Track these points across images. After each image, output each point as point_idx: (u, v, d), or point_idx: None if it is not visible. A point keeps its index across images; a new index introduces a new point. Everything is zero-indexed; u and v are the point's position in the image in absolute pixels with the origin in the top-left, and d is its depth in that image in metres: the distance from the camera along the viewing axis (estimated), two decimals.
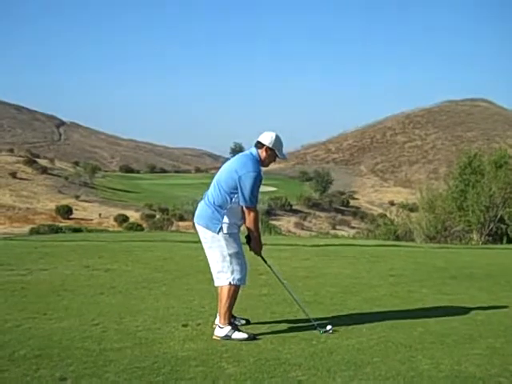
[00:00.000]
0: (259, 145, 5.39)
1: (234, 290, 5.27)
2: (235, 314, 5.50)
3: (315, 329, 5.31)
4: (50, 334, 5.08)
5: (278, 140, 5.39)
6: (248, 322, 5.55)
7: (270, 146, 5.35)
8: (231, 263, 5.26)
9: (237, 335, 5.13)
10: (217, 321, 5.30)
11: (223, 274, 5.28)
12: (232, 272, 5.26)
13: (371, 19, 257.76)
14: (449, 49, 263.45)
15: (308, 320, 5.54)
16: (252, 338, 5.09)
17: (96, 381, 3.97)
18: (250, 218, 5.30)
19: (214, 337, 5.15)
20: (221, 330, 5.18)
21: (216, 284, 5.37)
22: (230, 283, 5.24)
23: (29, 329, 5.26)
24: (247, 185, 5.19)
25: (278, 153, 5.41)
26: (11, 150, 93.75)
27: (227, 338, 5.10)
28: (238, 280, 5.28)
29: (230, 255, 5.26)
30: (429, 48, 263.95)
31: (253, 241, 5.45)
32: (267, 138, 5.37)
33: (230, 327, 5.19)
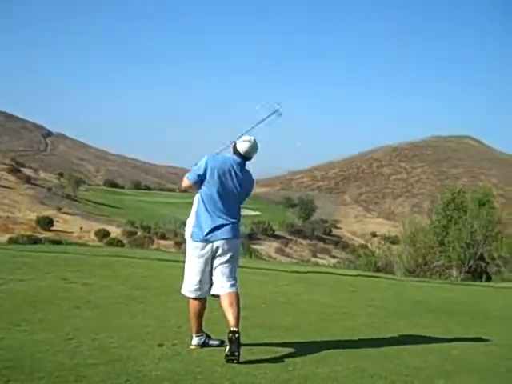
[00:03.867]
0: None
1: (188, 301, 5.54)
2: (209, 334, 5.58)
3: None
4: (23, 346, 5.00)
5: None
6: (222, 343, 5.51)
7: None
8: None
9: (211, 342, 5.50)
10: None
11: None
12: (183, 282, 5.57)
13: (363, 54, 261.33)
14: (436, 85, 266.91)
15: (285, 345, 5.53)
16: (222, 343, 5.37)
17: None
18: None
19: (191, 346, 5.42)
20: (193, 339, 5.47)
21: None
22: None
23: (1, 339, 5.17)
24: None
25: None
26: None
27: (199, 345, 5.42)
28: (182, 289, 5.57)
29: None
30: (418, 83, 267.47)
31: None
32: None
33: (200, 336, 5.48)
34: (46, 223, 54.44)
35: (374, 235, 75.87)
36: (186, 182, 5.57)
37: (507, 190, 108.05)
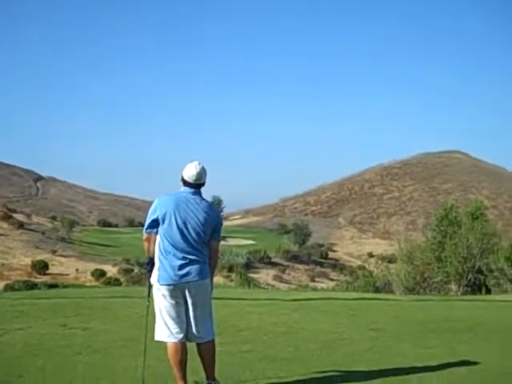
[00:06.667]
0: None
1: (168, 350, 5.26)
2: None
3: None
4: None
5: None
6: None
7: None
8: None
9: None
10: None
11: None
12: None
13: (346, 71, 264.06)
14: (423, 100, 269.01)
15: (288, 377, 5.51)
16: None
17: None
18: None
19: None
20: None
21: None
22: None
23: None
24: None
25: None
26: None
27: None
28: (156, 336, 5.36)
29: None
30: (404, 99, 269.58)
31: None
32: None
33: None
34: (42, 267, 54.17)
35: (370, 255, 75.93)
36: (144, 236, 5.32)
37: (499, 201, 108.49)
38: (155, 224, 5.19)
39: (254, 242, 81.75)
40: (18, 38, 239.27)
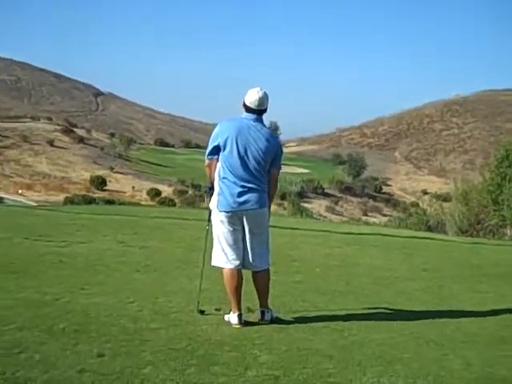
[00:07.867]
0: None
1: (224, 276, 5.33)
2: None
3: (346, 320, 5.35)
4: (88, 310, 5.19)
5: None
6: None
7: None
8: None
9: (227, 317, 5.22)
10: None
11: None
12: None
13: (411, 11, 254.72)
14: (488, 37, 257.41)
15: (339, 310, 5.62)
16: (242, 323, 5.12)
17: (132, 359, 4.05)
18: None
19: (233, 326, 5.14)
20: (232, 317, 5.18)
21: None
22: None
23: (67, 303, 5.39)
24: None
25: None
26: (50, 118, 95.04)
27: (241, 323, 5.11)
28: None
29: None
30: (469, 36, 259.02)
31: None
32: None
33: (241, 313, 5.17)
34: (100, 183, 55.66)
35: (425, 193, 75.03)
36: (206, 162, 5.28)
37: None
38: (216, 150, 5.18)
39: (308, 171, 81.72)
40: None
